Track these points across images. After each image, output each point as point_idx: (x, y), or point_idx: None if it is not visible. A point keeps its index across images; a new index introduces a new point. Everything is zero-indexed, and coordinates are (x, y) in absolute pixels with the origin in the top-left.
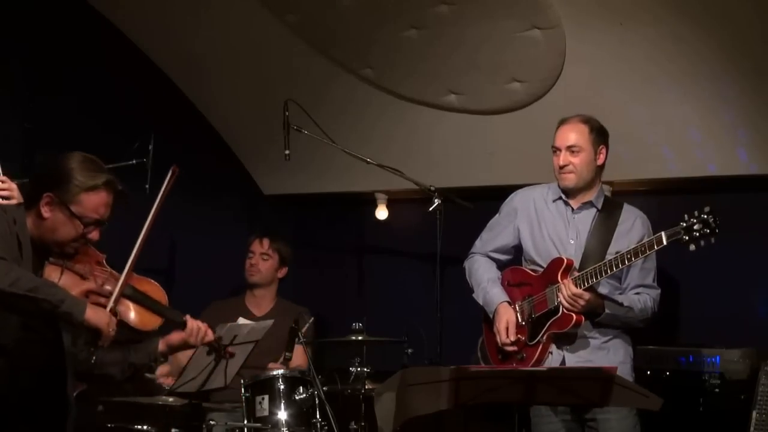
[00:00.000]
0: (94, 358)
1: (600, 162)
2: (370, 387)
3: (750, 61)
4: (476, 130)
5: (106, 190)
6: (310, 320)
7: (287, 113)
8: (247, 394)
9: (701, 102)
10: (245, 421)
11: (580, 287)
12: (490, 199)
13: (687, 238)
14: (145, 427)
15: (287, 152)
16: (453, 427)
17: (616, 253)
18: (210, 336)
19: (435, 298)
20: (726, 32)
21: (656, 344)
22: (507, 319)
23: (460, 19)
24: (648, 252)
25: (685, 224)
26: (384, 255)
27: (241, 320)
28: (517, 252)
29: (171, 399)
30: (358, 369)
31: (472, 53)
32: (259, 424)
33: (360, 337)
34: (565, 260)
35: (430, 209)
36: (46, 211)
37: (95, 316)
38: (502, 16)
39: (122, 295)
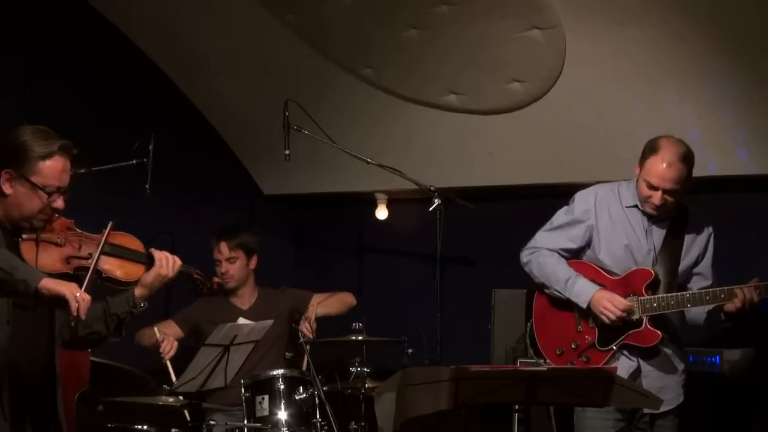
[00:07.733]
0: (73, 324)
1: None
2: (370, 387)
3: (750, 61)
4: (476, 130)
5: (63, 156)
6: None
7: (287, 113)
8: (247, 394)
9: (701, 102)
10: (245, 421)
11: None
12: (490, 199)
13: None
14: (145, 427)
15: (287, 152)
16: (453, 427)
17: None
18: (179, 262)
19: (435, 298)
20: (726, 32)
21: None
22: (609, 298)
23: (459, 18)
24: (726, 301)
25: None
26: (384, 255)
27: (241, 320)
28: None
29: (171, 399)
30: (358, 369)
31: (472, 53)
32: (259, 424)
33: (360, 337)
34: (653, 274)
35: (430, 209)
36: (7, 188)
37: (53, 283)
38: (502, 16)
39: (102, 252)
